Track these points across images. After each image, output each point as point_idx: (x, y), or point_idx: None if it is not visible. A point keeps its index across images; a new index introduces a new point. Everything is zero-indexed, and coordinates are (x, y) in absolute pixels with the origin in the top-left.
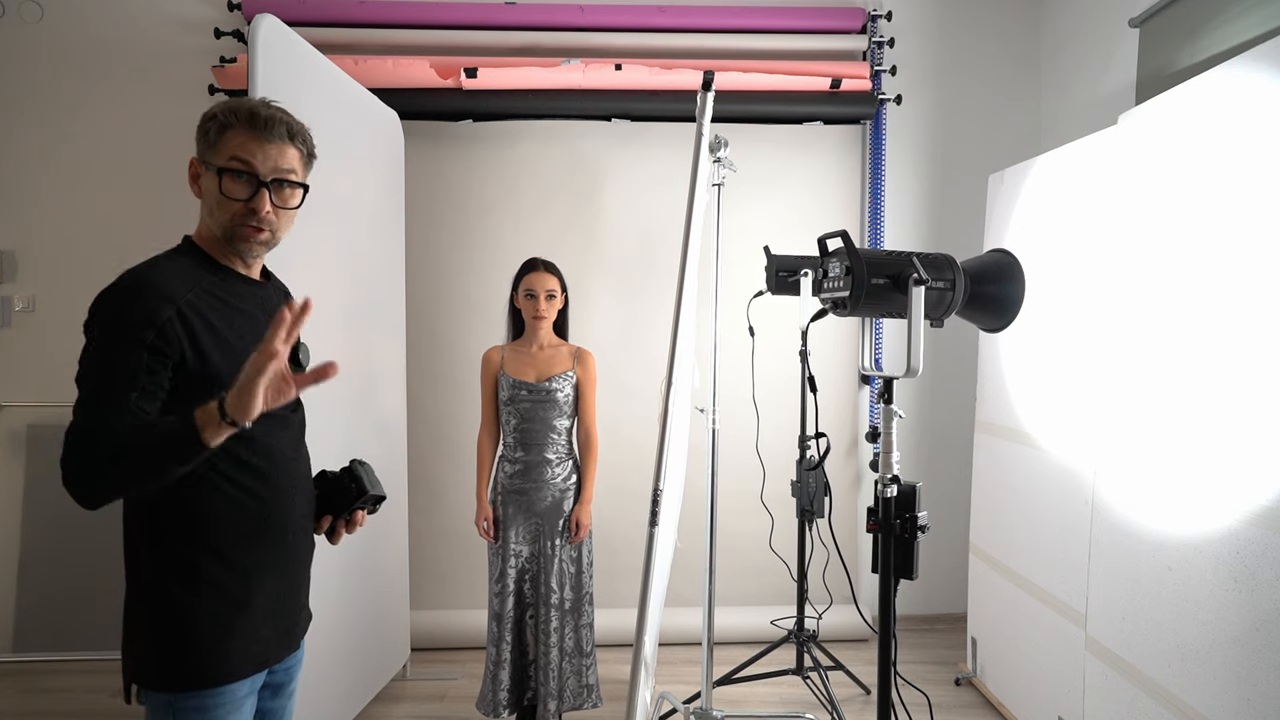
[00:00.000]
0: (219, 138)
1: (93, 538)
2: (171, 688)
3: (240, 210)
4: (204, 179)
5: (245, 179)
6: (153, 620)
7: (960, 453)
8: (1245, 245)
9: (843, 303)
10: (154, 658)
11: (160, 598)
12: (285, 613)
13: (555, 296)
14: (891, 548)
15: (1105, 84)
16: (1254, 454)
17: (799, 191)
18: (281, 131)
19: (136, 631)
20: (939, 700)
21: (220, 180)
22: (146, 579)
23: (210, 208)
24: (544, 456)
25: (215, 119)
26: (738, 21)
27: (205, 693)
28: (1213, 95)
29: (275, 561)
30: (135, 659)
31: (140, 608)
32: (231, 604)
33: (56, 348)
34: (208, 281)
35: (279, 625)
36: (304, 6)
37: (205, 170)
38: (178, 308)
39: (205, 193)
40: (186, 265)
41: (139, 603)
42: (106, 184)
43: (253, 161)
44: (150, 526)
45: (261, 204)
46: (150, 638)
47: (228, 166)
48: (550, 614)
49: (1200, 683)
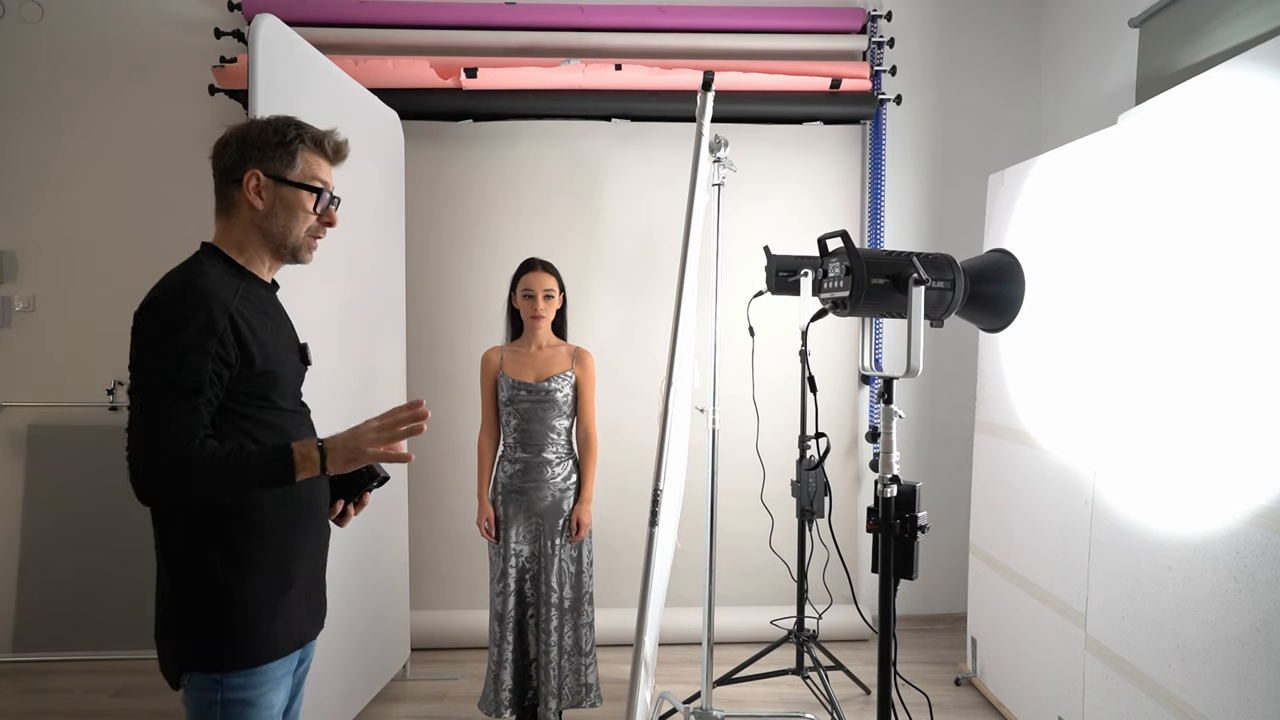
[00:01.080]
0: (298, 157)
1: (92, 538)
2: (222, 668)
3: (314, 225)
4: (277, 190)
5: (322, 196)
6: (200, 605)
7: (960, 453)
8: (1245, 245)
9: (843, 303)
10: (204, 641)
11: (207, 583)
12: (316, 592)
13: (553, 296)
14: (891, 548)
15: (1105, 84)
16: (1254, 454)
17: (799, 191)
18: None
19: (180, 618)
20: (939, 700)
21: (307, 197)
22: (188, 567)
23: (281, 218)
24: (544, 456)
25: (303, 141)
26: (738, 21)
27: (252, 671)
28: (1213, 95)
29: (310, 544)
30: (184, 644)
31: (182, 595)
32: (275, 585)
33: (56, 348)
34: (242, 288)
35: (311, 604)
36: (304, 6)
37: (279, 184)
38: (230, 315)
39: (276, 204)
40: (223, 271)
41: (181, 590)
42: (106, 184)
43: (330, 183)
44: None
45: (335, 217)
46: (198, 622)
47: (313, 186)
48: (550, 613)
49: (1200, 683)
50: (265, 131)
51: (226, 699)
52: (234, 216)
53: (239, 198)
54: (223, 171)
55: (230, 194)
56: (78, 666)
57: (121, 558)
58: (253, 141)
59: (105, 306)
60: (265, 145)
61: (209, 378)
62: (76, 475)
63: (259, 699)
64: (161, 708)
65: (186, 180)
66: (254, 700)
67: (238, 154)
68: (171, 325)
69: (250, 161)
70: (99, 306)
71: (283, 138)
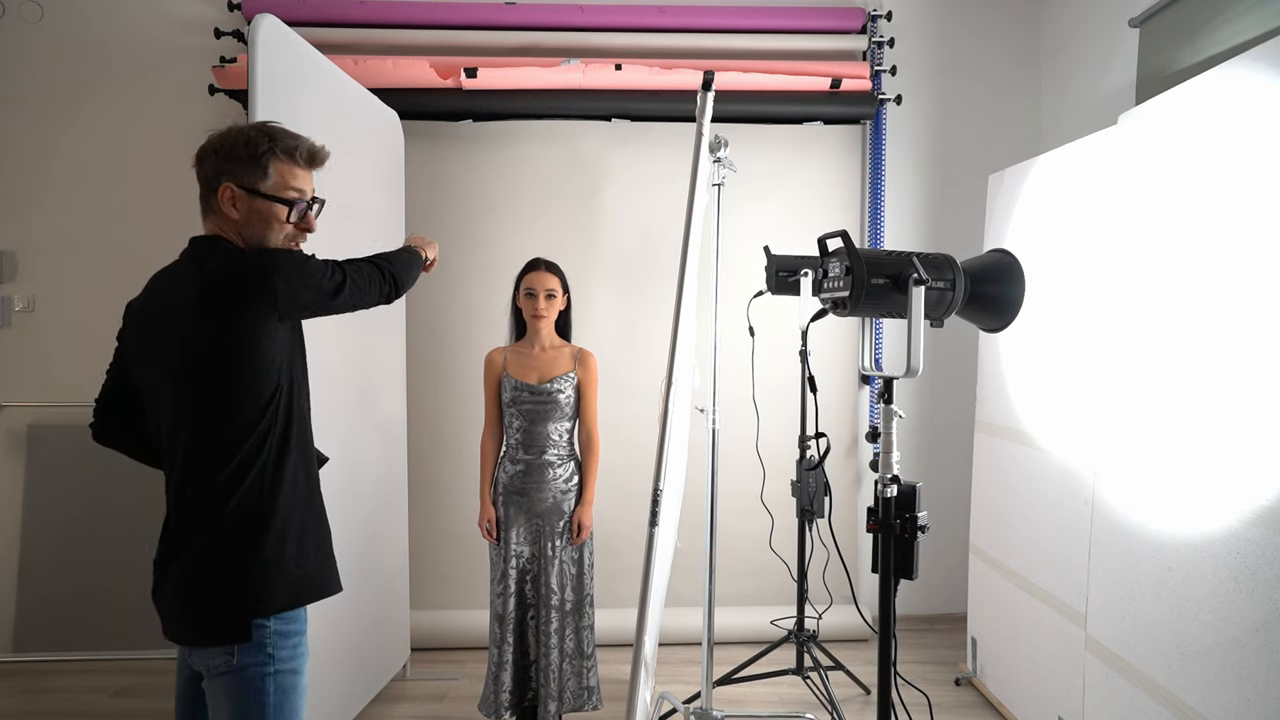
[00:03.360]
0: (269, 169)
1: (92, 538)
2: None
3: (292, 232)
4: (252, 202)
5: (299, 204)
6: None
7: (960, 453)
8: (1245, 245)
9: (843, 303)
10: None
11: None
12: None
13: (555, 296)
14: (891, 548)
15: (1105, 84)
16: (1254, 454)
17: (799, 191)
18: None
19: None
20: (939, 700)
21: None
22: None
23: (257, 227)
24: (545, 458)
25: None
26: (737, 21)
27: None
28: (1213, 95)
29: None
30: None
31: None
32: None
33: (56, 348)
34: None
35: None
36: (304, 6)
37: (251, 196)
38: None
39: (252, 215)
40: None
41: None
42: (106, 184)
43: (306, 191)
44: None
45: (313, 223)
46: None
47: (287, 198)
48: (551, 615)
49: (1200, 683)
50: (237, 144)
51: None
52: (218, 222)
53: (217, 205)
54: (203, 180)
55: (210, 201)
56: (78, 666)
57: (121, 558)
58: (226, 154)
59: (105, 306)
60: (237, 158)
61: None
62: (76, 475)
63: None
64: (162, 708)
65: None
66: (299, 668)
67: (213, 166)
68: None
69: (224, 174)
70: (99, 306)
71: (253, 151)
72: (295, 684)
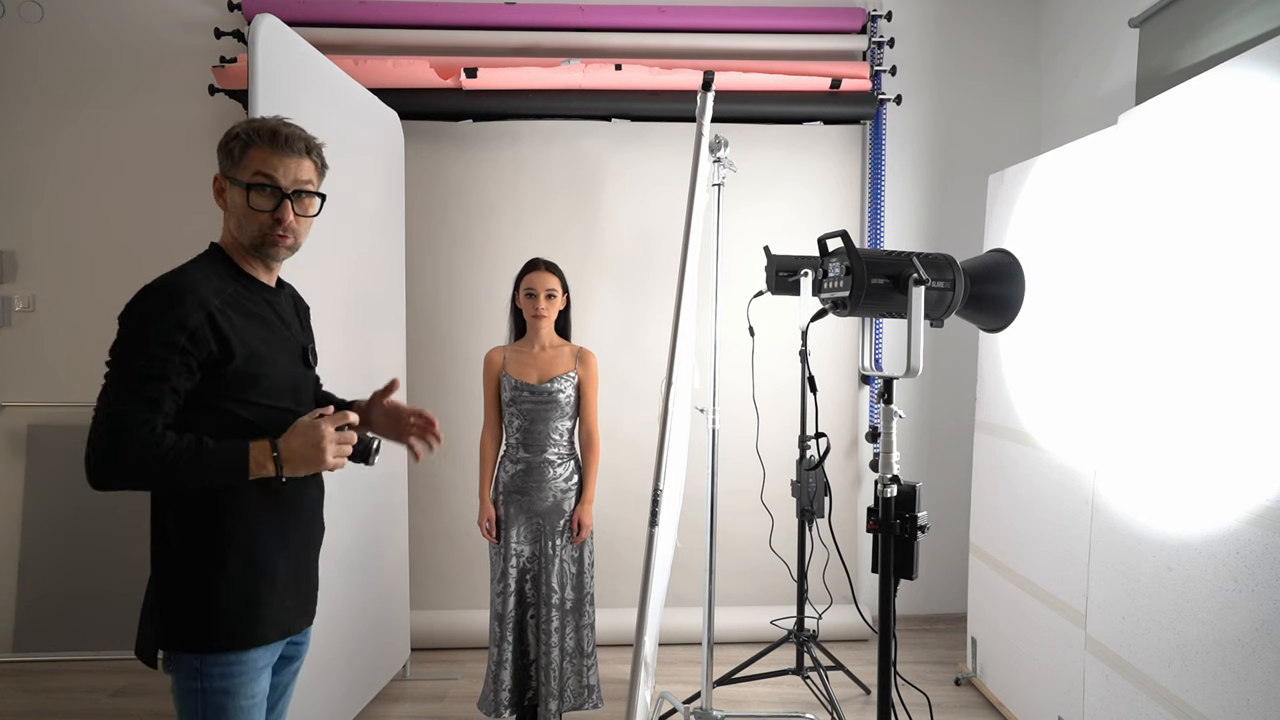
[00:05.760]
0: (243, 155)
1: (92, 538)
2: (203, 649)
3: (267, 221)
4: (230, 193)
5: (270, 192)
6: (186, 587)
7: (960, 453)
8: (1245, 245)
9: (843, 303)
10: (188, 621)
11: (193, 566)
12: (303, 588)
13: (555, 296)
14: (891, 548)
15: (1105, 84)
16: (1254, 454)
17: (799, 191)
18: (300, 147)
19: (167, 599)
20: (939, 700)
21: (248, 195)
22: (178, 550)
23: (238, 220)
24: (546, 457)
25: (239, 138)
26: (737, 21)
27: (233, 656)
28: (1213, 95)
29: (295, 538)
30: (166, 624)
31: (170, 577)
32: (259, 573)
33: (56, 348)
34: (232, 288)
35: (298, 598)
36: (304, 6)
37: (230, 185)
38: (208, 312)
39: (232, 206)
40: (213, 272)
41: (169, 572)
42: (106, 184)
43: (275, 175)
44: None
45: (286, 214)
46: (184, 603)
47: (254, 182)
48: (551, 614)
49: (1200, 683)
50: (225, 135)
51: (207, 687)
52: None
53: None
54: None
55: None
56: (78, 666)
57: (121, 558)
58: (218, 147)
59: (105, 306)
60: (222, 149)
61: (175, 369)
62: (76, 475)
63: (239, 688)
64: (161, 708)
65: (186, 180)
66: (234, 689)
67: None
68: (144, 317)
69: (220, 167)
70: (99, 306)
71: (229, 137)
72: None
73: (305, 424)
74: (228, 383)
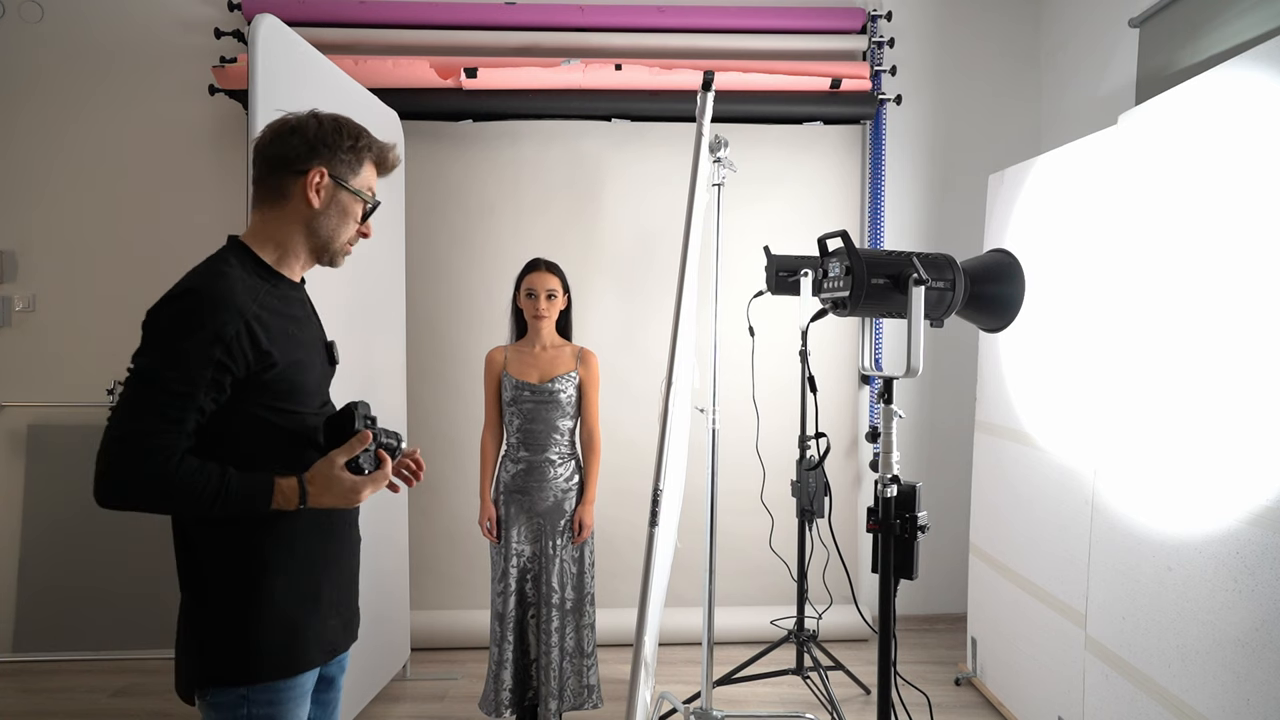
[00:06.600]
0: (362, 167)
1: (93, 538)
2: (250, 680)
3: (356, 233)
4: (336, 195)
5: (369, 206)
6: (226, 616)
7: (960, 453)
8: (1245, 245)
9: (843, 303)
10: (229, 653)
11: (231, 595)
12: (348, 602)
13: (556, 296)
14: (891, 548)
15: (1105, 84)
16: (1254, 454)
17: (799, 191)
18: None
19: (204, 630)
20: (939, 700)
21: (357, 203)
22: (211, 577)
23: (335, 223)
24: (546, 457)
25: (369, 149)
26: (737, 22)
27: (280, 684)
28: (1213, 95)
29: (338, 553)
30: (205, 658)
31: (206, 607)
32: (303, 595)
33: (56, 348)
34: (265, 290)
35: (343, 615)
36: (304, 6)
37: (339, 189)
38: (245, 320)
39: (331, 207)
40: (245, 273)
41: (204, 602)
42: (106, 184)
43: (376, 195)
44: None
45: (369, 227)
46: (224, 634)
47: (366, 195)
48: (551, 614)
49: (1200, 683)
50: (339, 133)
51: (253, 714)
52: (281, 209)
53: (295, 190)
54: (281, 160)
55: (285, 185)
56: (78, 666)
57: (121, 558)
58: (324, 139)
59: (105, 306)
60: (337, 146)
61: (205, 386)
62: (76, 475)
63: (286, 714)
64: (161, 708)
65: (186, 180)
66: (281, 715)
67: (305, 147)
68: (176, 326)
69: (318, 158)
70: (99, 306)
71: (355, 143)
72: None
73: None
74: (266, 389)
